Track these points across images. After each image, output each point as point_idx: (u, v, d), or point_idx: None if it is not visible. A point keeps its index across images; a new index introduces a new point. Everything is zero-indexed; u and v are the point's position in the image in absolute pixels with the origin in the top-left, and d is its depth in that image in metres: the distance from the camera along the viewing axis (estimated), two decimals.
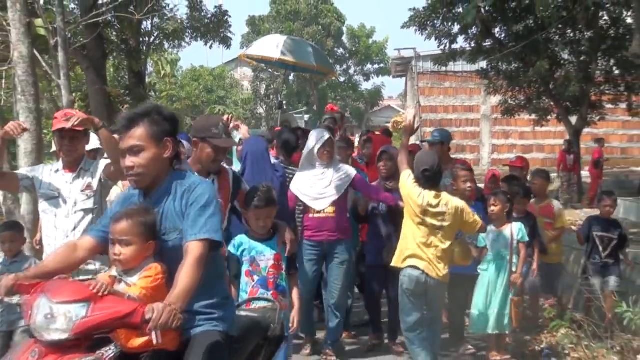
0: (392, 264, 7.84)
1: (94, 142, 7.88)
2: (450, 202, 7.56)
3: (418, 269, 7.51)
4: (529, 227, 8.74)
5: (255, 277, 5.56)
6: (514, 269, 8.49)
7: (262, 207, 5.48)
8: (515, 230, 8.36)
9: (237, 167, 8.88)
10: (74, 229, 6.17)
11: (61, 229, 6.18)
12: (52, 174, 6.36)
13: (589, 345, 7.18)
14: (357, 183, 8.39)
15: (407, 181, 7.69)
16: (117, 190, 7.58)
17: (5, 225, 8.14)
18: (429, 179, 7.62)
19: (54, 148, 6.95)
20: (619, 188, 22.44)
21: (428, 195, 7.52)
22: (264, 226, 5.59)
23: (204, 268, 4.22)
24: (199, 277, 4.17)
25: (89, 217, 6.27)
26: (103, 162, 6.61)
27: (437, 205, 7.53)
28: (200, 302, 4.43)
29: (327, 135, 8.38)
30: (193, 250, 4.22)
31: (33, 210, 8.38)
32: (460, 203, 7.63)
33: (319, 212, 8.37)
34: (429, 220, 7.51)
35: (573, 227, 12.47)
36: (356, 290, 10.76)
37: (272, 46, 15.38)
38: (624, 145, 32.75)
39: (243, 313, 5.08)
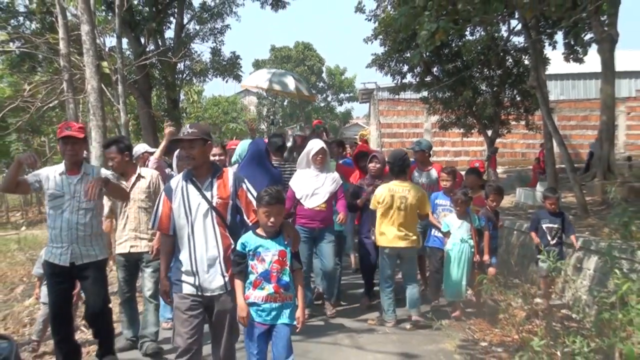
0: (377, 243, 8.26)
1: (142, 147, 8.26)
2: (412, 189, 8.00)
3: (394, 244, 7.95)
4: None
5: (260, 270, 4.73)
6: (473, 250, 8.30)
7: (273, 204, 4.68)
8: (473, 219, 8.31)
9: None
10: (76, 223, 5.78)
11: (66, 223, 5.75)
12: (57, 175, 5.91)
13: (503, 291, 7.13)
14: (341, 186, 8.32)
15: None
16: None
17: None
18: (397, 170, 8.09)
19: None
20: (521, 181, 22.53)
21: (395, 183, 8.00)
22: (274, 223, 4.74)
23: None
24: None
25: (90, 214, 5.92)
26: (103, 171, 6.34)
27: (402, 190, 7.91)
28: None
29: (321, 145, 8.25)
30: None
31: None
32: (417, 192, 8.04)
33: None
34: (395, 203, 7.87)
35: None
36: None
37: (262, 78, 15.14)
38: (524, 151, 33.52)
39: None
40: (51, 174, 5.91)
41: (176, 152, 7.93)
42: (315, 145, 8.27)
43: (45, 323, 7.17)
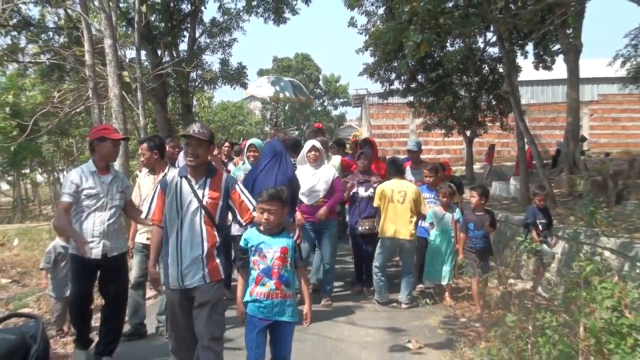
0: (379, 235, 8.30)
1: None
2: (409, 187, 8.18)
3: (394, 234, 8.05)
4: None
5: (261, 266, 4.46)
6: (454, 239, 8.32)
7: (264, 200, 4.43)
8: (455, 212, 8.28)
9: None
10: (108, 219, 5.68)
11: (99, 219, 5.65)
12: (89, 175, 5.69)
13: (480, 274, 7.15)
14: (335, 180, 8.07)
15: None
16: (149, 181, 6.87)
17: None
18: (397, 170, 8.38)
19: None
20: (497, 176, 22.49)
21: (398, 182, 8.21)
22: (267, 220, 4.47)
23: None
24: None
25: (119, 211, 5.87)
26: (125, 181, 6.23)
27: (401, 186, 8.12)
28: None
29: (312, 144, 8.16)
30: None
31: None
32: (416, 189, 8.21)
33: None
34: (395, 197, 8.05)
35: None
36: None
37: (265, 86, 15.15)
38: (499, 149, 33.13)
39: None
40: (83, 176, 5.69)
41: (181, 153, 7.58)
42: (308, 144, 8.27)
43: (60, 317, 7.12)
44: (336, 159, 10.14)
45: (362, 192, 8.59)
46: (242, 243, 4.63)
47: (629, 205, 10.95)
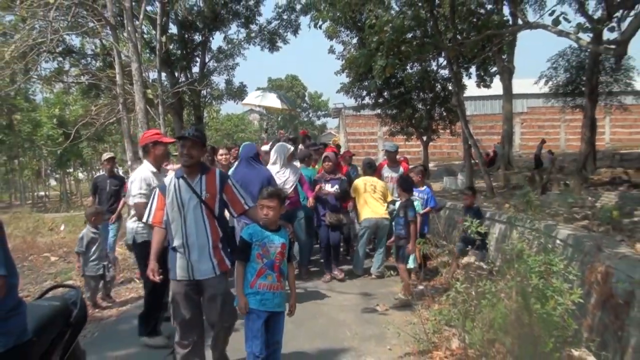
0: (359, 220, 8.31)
1: None
2: (377, 182, 8.28)
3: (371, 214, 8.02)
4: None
5: (265, 260, 4.02)
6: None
7: (265, 197, 4.04)
8: (417, 204, 7.66)
9: None
10: None
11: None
12: (152, 174, 5.36)
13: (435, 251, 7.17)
14: (301, 178, 7.64)
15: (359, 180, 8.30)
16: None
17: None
18: (368, 170, 8.45)
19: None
20: (447, 172, 22.64)
21: (369, 178, 8.29)
22: (266, 215, 4.05)
23: None
24: None
25: None
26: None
27: (371, 181, 8.21)
28: None
29: (286, 147, 7.64)
30: None
31: None
32: (382, 183, 8.31)
33: None
34: (368, 189, 8.08)
35: None
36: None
37: (256, 97, 14.94)
38: (449, 151, 33.73)
39: (45, 303, 3.36)
40: (151, 175, 5.34)
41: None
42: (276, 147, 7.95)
43: (93, 293, 7.01)
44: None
45: (328, 187, 8.16)
46: (245, 237, 4.11)
47: (551, 195, 11.04)
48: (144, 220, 4.58)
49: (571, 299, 4.44)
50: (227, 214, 4.61)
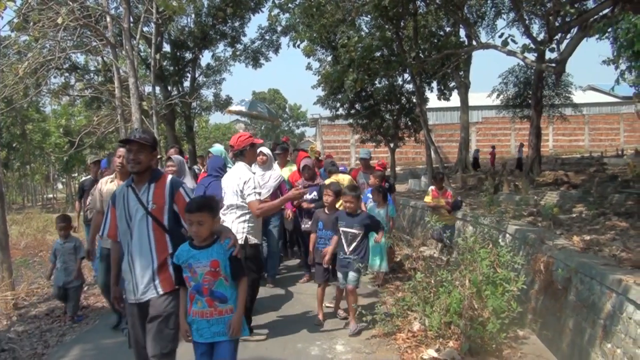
0: None
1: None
2: (344, 179, 7.60)
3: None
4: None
5: (192, 283, 3.00)
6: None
7: (192, 211, 2.96)
8: (389, 208, 7.13)
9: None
10: None
11: None
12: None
13: (400, 244, 7.17)
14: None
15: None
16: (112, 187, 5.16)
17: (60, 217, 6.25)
18: (330, 171, 7.91)
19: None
20: (412, 175, 22.78)
21: (332, 177, 7.62)
22: (196, 232, 2.97)
23: None
24: None
25: None
26: None
27: (341, 180, 7.48)
28: None
29: (262, 149, 6.76)
30: None
31: None
32: (349, 178, 7.73)
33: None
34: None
35: None
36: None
37: (240, 105, 14.59)
38: (413, 156, 34.14)
39: None
40: (253, 175, 4.79)
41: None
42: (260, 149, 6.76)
43: (67, 305, 5.99)
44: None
45: (306, 195, 7.27)
46: (174, 259, 3.10)
47: (502, 195, 11.15)
48: (99, 234, 3.85)
49: (517, 286, 4.53)
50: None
